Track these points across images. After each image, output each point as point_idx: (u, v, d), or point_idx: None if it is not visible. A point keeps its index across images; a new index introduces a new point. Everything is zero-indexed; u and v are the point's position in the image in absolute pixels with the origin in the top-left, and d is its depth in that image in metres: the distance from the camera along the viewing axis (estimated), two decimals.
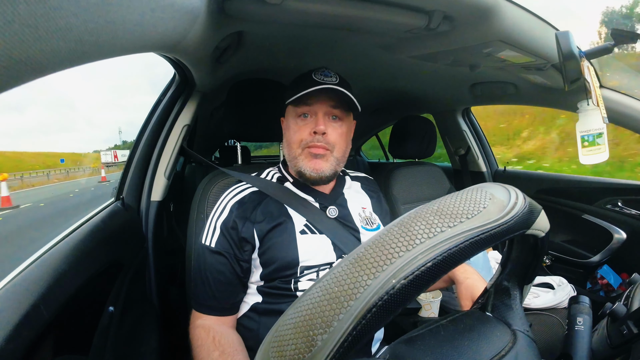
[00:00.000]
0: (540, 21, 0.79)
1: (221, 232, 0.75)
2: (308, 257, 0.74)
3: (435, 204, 0.30)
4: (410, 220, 0.29)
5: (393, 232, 0.28)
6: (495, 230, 0.29)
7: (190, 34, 0.57)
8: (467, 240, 0.27)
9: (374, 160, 3.13)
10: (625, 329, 0.47)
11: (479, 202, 0.30)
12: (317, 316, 0.25)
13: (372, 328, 0.24)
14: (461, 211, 0.29)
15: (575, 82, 0.82)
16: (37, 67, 0.25)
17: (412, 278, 0.25)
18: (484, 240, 0.28)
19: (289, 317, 0.27)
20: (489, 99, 1.49)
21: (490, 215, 0.29)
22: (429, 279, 0.26)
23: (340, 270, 0.27)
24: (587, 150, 0.88)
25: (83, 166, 37.04)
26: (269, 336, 0.28)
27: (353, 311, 0.24)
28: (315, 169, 0.77)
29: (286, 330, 0.26)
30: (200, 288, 0.75)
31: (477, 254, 0.29)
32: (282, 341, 0.26)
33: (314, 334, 0.24)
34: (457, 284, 0.80)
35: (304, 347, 0.24)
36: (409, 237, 0.27)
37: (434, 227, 0.27)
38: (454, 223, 0.28)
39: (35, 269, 0.51)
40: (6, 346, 0.37)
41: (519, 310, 0.42)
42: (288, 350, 0.25)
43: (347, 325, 0.24)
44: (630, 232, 1.21)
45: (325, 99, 0.78)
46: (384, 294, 0.24)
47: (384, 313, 0.24)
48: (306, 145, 0.78)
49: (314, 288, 0.27)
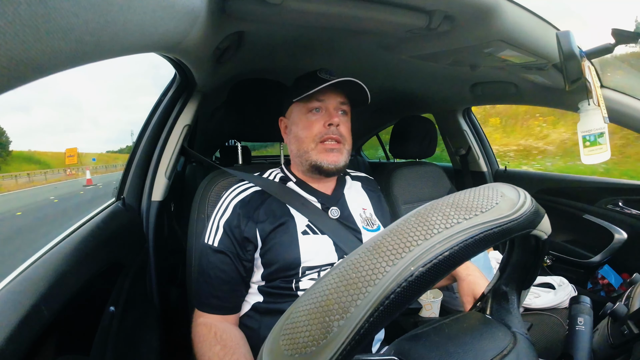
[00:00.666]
0: (541, 21, 0.79)
1: (224, 231, 0.75)
2: (310, 257, 0.74)
3: (450, 198, 0.31)
4: (427, 211, 0.29)
5: (411, 222, 0.28)
6: (507, 226, 0.29)
7: (191, 34, 0.57)
8: (481, 233, 0.28)
9: (374, 160, 3.13)
10: (626, 329, 0.47)
11: (491, 198, 0.31)
12: (333, 302, 0.25)
13: (387, 316, 0.24)
14: (476, 205, 0.30)
15: (576, 82, 0.81)
16: (38, 67, 0.25)
17: (430, 266, 0.25)
18: (496, 234, 0.29)
19: (303, 304, 0.27)
20: (489, 99, 1.49)
21: (502, 211, 0.30)
22: (445, 269, 0.26)
23: (358, 257, 0.27)
24: (588, 150, 0.88)
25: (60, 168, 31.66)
26: (279, 324, 0.27)
27: (371, 297, 0.24)
28: (332, 161, 0.79)
29: (299, 317, 0.26)
30: (202, 287, 0.75)
31: (488, 248, 0.29)
32: (295, 328, 0.25)
33: (330, 320, 0.24)
34: (459, 280, 0.81)
35: (319, 334, 0.24)
36: (427, 227, 0.27)
37: (450, 218, 0.28)
38: (469, 215, 0.28)
39: (36, 269, 0.51)
40: (7, 346, 0.37)
41: (517, 314, 0.42)
42: (301, 337, 0.24)
43: (364, 311, 0.24)
44: (631, 232, 1.20)
45: (335, 95, 0.81)
46: (402, 281, 0.24)
47: (401, 301, 0.24)
48: (321, 139, 0.79)
49: (330, 275, 0.27)
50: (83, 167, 21.67)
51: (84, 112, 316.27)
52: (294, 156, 0.85)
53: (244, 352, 0.68)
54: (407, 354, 0.34)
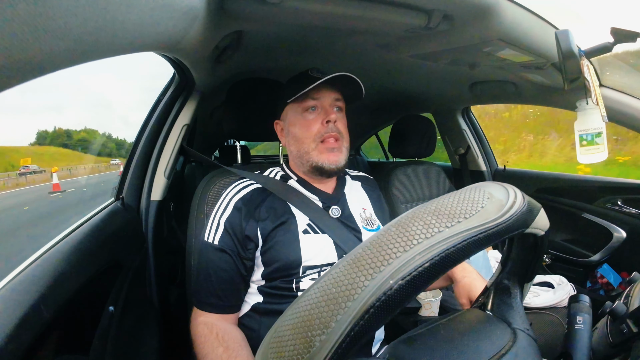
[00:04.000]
0: (539, 20, 0.79)
1: (225, 229, 0.75)
2: (310, 256, 0.74)
3: (433, 204, 0.30)
4: (408, 220, 0.28)
5: (390, 233, 0.28)
6: (494, 230, 0.28)
7: (190, 34, 0.57)
8: (464, 240, 0.27)
9: (374, 159, 3.13)
10: (625, 327, 0.47)
11: (476, 201, 0.30)
12: (315, 317, 0.25)
13: (370, 328, 0.24)
14: (459, 211, 0.29)
15: (575, 81, 0.82)
16: (37, 66, 0.25)
17: (409, 279, 0.25)
18: (482, 240, 0.28)
19: (287, 318, 0.27)
20: (488, 98, 1.49)
21: (488, 214, 0.29)
22: (427, 280, 0.25)
23: (338, 272, 0.27)
24: (585, 150, 0.88)
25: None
26: (268, 337, 0.28)
27: (351, 312, 0.24)
28: (333, 161, 0.80)
29: (284, 331, 0.26)
30: (202, 286, 0.75)
31: (476, 253, 0.29)
32: (280, 342, 0.26)
33: (312, 335, 0.24)
34: (455, 282, 0.81)
35: (302, 348, 0.24)
36: (407, 238, 0.27)
37: (431, 227, 0.27)
38: (451, 223, 0.28)
39: (35, 269, 0.51)
40: (6, 346, 0.37)
41: (519, 309, 0.42)
42: (287, 351, 0.25)
43: (344, 326, 0.24)
44: (630, 231, 1.21)
45: (329, 92, 0.80)
46: (381, 295, 0.24)
47: (382, 313, 0.24)
48: (321, 139, 0.79)
49: (312, 289, 0.27)
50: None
51: (115, 112, 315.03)
52: (294, 157, 0.85)
53: (246, 354, 0.67)
54: (401, 358, 0.34)
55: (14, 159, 22.07)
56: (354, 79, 0.78)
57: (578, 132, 0.90)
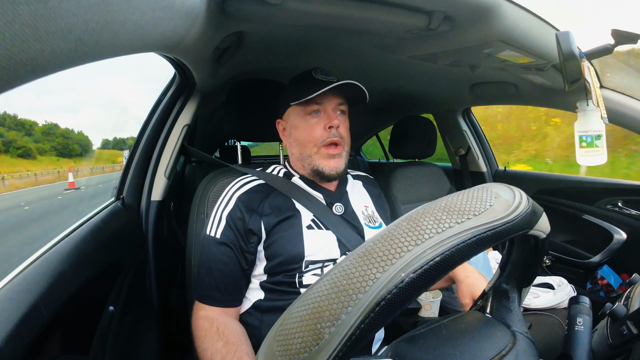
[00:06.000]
0: (540, 21, 0.79)
1: (227, 223, 0.75)
2: (313, 252, 0.75)
3: (443, 201, 0.31)
4: (419, 215, 0.29)
5: (402, 227, 0.28)
6: (501, 228, 0.29)
7: (191, 34, 0.57)
8: (474, 237, 0.27)
9: (374, 160, 3.13)
10: (625, 329, 0.47)
11: (485, 200, 0.31)
12: (324, 309, 0.25)
13: (379, 322, 0.24)
14: (468, 208, 0.29)
15: (576, 82, 0.81)
16: (38, 67, 0.25)
17: (420, 272, 0.25)
18: (489, 237, 0.28)
19: (295, 310, 0.27)
20: (489, 99, 1.49)
21: (496, 213, 0.29)
22: (437, 274, 0.26)
23: (349, 264, 0.27)
24: (584, 151, 0.88)
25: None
26: (274, 330, 0.27)
27: (361, 304, 0.24)
28: (333, 167, 0.80)
29: (292, 324, 0.26)
30: (203, 279, 0.75)
31: (482, 251, 0.29)
32: (287, 334, 0.26)
33: (321, 326, 0.24)
34: (458, 282, 0.81)
35: (311, 341, 0.24)
36: (418, 232, 0.27)
37: (442, 222, 0.28)
38: (461, 219, 0.28)
39: (36, 268, 0.51)
40: (6, 346, 0.37)
41: (518, 312, 0.42)
42: (294, 344, 0.25)
43: (355, 318, 0.24)
44: (630, 232, 1.20)
45: (333, 97, 0.80)
46: (392, 288, 0.24)
47: (392, 307, 0.24)
48: (323, 143, 0.79)
49: (321, 282, 0.27)
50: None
51: (130, 113, 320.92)
52: (296, 159, 0.85)
53: (246, 348, 0.67)
54: (404, 356, 0.34)
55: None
56: (359, 85, 0.78)
57: (578, 133, 0.90)
